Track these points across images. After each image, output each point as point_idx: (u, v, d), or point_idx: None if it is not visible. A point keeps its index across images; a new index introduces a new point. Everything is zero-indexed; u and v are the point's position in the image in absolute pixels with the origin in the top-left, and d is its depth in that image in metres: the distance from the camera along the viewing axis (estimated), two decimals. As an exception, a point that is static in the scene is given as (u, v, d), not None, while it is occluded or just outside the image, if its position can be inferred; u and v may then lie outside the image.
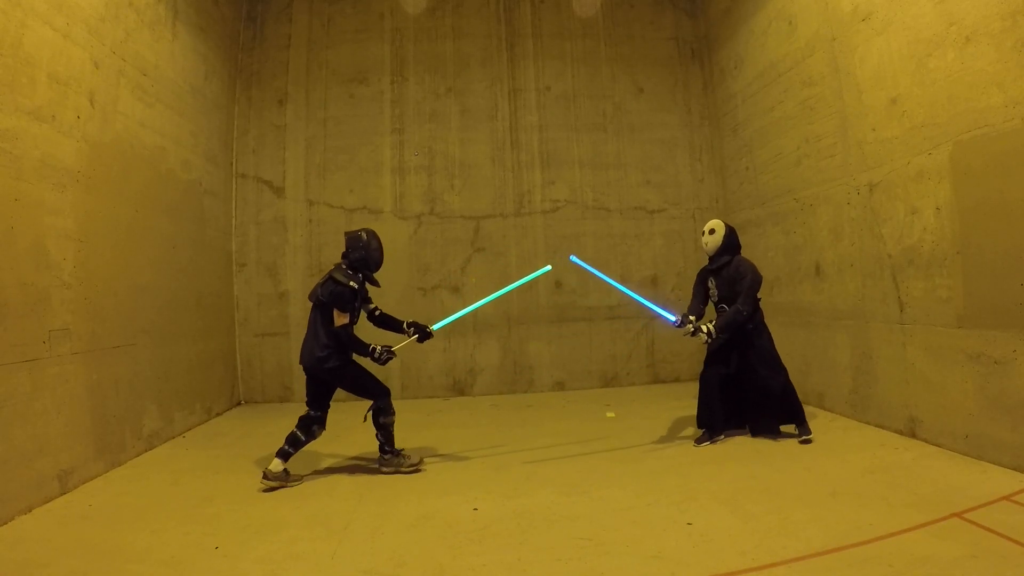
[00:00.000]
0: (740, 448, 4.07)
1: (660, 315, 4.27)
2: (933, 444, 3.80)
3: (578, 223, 6.76)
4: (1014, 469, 3.21)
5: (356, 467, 3.99)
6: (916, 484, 3.17)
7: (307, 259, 6.52)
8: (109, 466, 3.96)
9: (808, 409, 5.04)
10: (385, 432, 3.82)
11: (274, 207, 6.55)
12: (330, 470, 3.95)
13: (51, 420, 3.44)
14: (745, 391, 4.28)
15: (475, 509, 3.14)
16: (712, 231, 4.32)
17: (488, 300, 4.34)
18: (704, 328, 4.06)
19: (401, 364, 6.50)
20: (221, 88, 6.16)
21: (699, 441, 4.21)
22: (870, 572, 2.29)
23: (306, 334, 3.83)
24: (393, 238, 6.56)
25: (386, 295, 6.47)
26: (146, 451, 4.43)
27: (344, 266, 3.81)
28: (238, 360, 6.38)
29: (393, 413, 3.86)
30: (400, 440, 3.85)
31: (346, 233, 3.94)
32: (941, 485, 3.13)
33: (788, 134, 5.35)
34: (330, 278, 3.73)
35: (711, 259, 4.36)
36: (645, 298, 4.39)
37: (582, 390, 6.53)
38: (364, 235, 3.86)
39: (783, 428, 4.28)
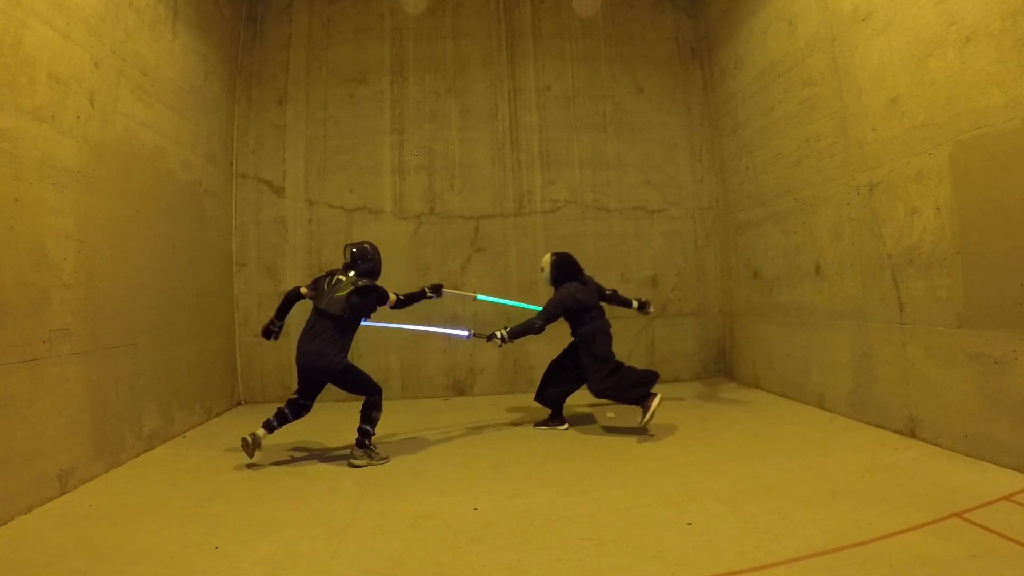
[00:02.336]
0: (740, 448, 4.07)
1: (452, 334, 5.57)
2: (933, 444, 3.80)
3: (578, 223, 6.76)
4: (1014, 469, 3.21)
5: (356, 467, 3.99)
6: (916, 484, 3.17)
7: (307, 259, 6.51)
8: (109, 466, 3.96)
9: (808, 409, 5.07)
10: (372, 425, 4.02)
11: (274, 207, 6.55)
12: (330, 470, 3.94)
13: (51, 420, 3.44)
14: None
15: (475, 509, 3.14)
16: (543, 269, 5.03)
17: (524, 306, 5.24)
18: (498, 333, 4.74)
19: (401, 364, 6.50)
20: (221, 88, 6.16)
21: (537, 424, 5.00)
22: (870, 572, 2.29)
23: (309, 340, 4.00)
24: (393, 238, 6.57)
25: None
26: (146, 451, 4.43)
27: (357, 276, 4.13)
28: (238, 360, 6.37)
29: (381, 410, 4.09)
30: (400, 440, 3.86)
31: (352, 246, 4.25)
32: (941, 485, 3.13)
33: (788, 134, 5.35)
34: (356, 290, 4.01)
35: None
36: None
37: (582, 390, 6.51)
38: (369, 247, 4.26)
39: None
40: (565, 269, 4.89)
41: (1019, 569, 2.24)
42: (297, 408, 4.11)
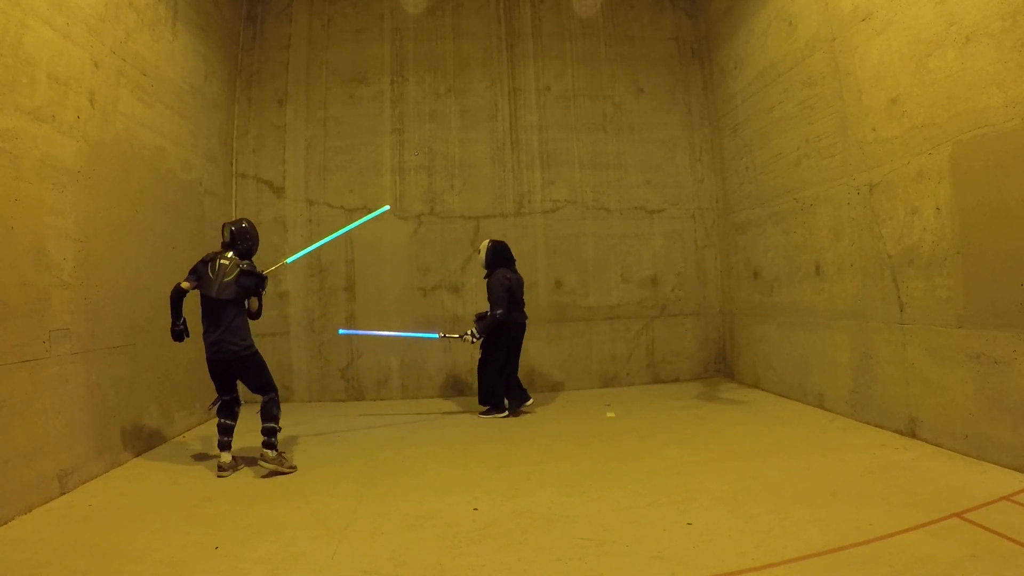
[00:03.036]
0: (740, 448, 4.07)
1: (423, 337, 5.85)
2: (933, 444, 3.80)
3: (578, 223, 6.77)
4: (1014, 469, 3.21)
5: (356, 467, 3.99)
6: (916, 484, 3.17)
7: (307, 259, 6.50)
8: (109, 466, 3.96)
9: (808, 409, 5.07)
10: (277, 422, 3.94)
11: (274, 207, 6.55)
12: (330, 470, 3.94)
13: (51, 420, 3.44)
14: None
15: (475, 509, 3.14)
16: (479, 251, 5.48)
17: (329, 239, 5.03)
18: (468, 332, 5.28)
19: (401, 364, 6.50)
20: (221, 88, 6.16)
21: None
22: (870, 572, 2.29)
23: (217, 330, 3.91)
24: (393, 238, 6.58)
25: (386, 295, 6.50)
26: (146, 451, 4.43)
27: (237, 256, 4.05)
28: (238, 360, 6.36)
29: (280, 409, 4.02)
30: (400, 440, 3.85)
31: (230, 224, 4.16)
32: (941, 485, 3.13)
33: (788, 134, 5.35)
34: (242, 272, 3.96)
35: (486, 272, 5.44)
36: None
37: (582, 390, 6.53)
38: (247, 226, 4.16)
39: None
40: (500, 254, 5.41)
41: (1019, 569, 2.24)
42: (229, 408, 4.01)
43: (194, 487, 3.65)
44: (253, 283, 4.02)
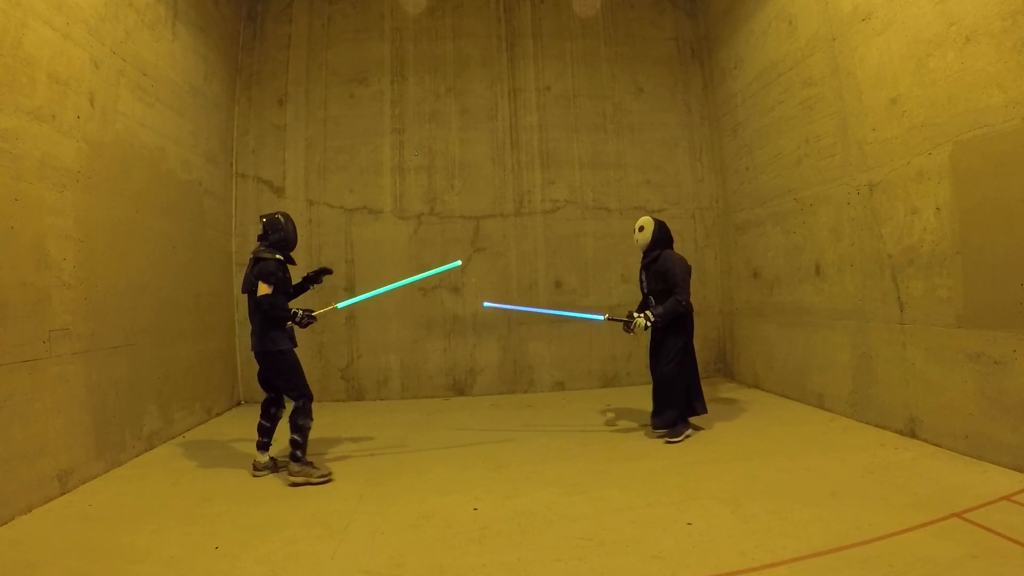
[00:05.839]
0: (740, 448, 4.07)
1: (585, 318, 4.78)
2: (933, 444, 3.80)
3: (578, 223, 6.77)
4: (1014, 469, 3.21)
5: (356, 467, 3.99)
6: (916, 484, 3.17)
7: (307, 259, 6.50)
8: (109, 466, 3.96)
9: (808, 409, 5.07)
10: (302, 435, 3.72)
11: (274, 207, 6.53)
12: (330, 470, 3.94)
13: (51, 420, 3.44)
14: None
15: (475, 509, 3.14)
16: (641, 228, 4.53)
17: (396, 286, 4.62)
18: (643, 314, 4.28)
19: (401, 364, 6.51)
20: (221, 88, 6.16)
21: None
22: (870, 572, 2.29)
23: (251, 326, 3.87)
24: (393, 238, 6.58)
25: (386, 295, 6.48)
26: (146, 451, 4.43)
27: (264, 247, 3.90)
28: (238, 360, 6.37)
29: (312, 419, 3.80)
30: (400, 440, 3.84)
31: (264, 216, 4.04)
32: (941, 485, 3.13)
33: (788, 134, 5.35)
34: (255, 259, 3.83)
35: (644, 254, 4.56)
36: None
37: (582, 390, 6.53)
38: (281, 218, 3.98)
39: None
40: (667, 233, 4.55)
41: (1019, 569, 2.24)
42: (266, 409, 3.93)
43: (194, 487, 3.65)
44: (259, 268, 3.77)
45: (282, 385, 3.87)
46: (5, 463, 3.06)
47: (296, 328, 3.89)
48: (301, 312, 3.81)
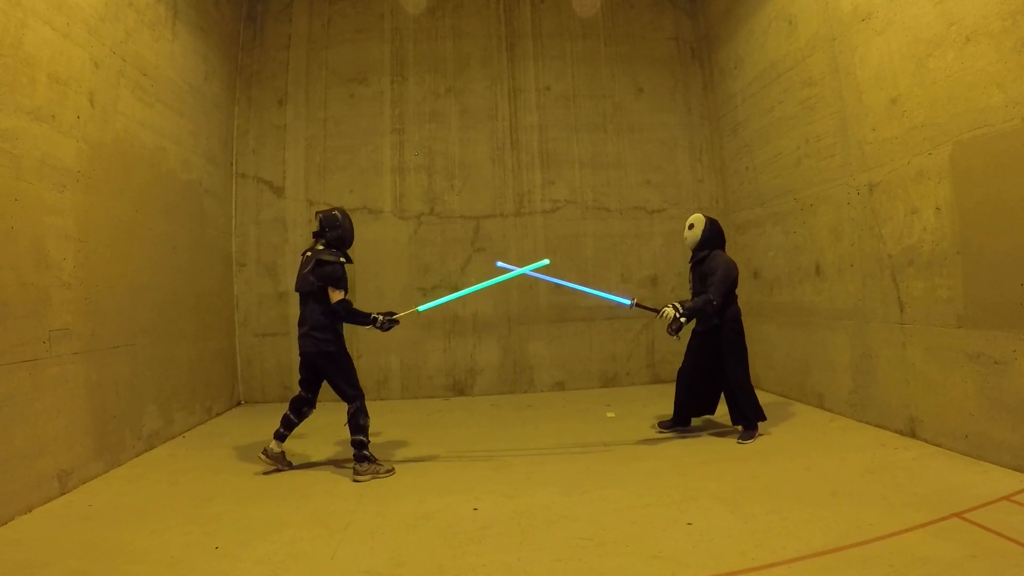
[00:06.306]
0: (740, 448, 4.07)
1: (614, 300, 4.40)
2: (933, 444, 3.80)
3: (578, 223, 6.76)
4: (1014, 469, 3.21)
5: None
6: (916, 484, 3.17)
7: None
8: (109, 466, 3.96)
9: (808, 409, 5.07)
10: (366, 434, 3.74)
11: (274, 207, 6.55)
12: (330, 470, 3.94)
13: (51, 420, 3.44)
14: (718, 384, 4.47)
15: (475, 509, 3.14)
16: (691, 226, 4.41)
17: (483, 286, 4.57)
18: (672, 305, 4.14)
19: (401, 364, 6.51)
20: (221, 88, 6.16)
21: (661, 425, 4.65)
22: (870, 572, 2.29)
23: (300, 324, 3.84)
24: (393, 238, 6.58)
25: (386, 295, 6.49)
26: (146, 451, 4.43)
27: (323, 246, 3.85)
28: (238, 360, 6.38)
29: (368, 416, 3.81)
30: (400, 440, 3.84)
31: (320, 213, 3.96)
32: (941, 485, 3.13)
33: (788, 134, 5.35)
34: (317, 261, 3.75)
35: (693, 253, 4.46)
36: (611, 292, 4.71)
37: (582, 390, 6.53)
38: (339, 214, 3.91)
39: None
40: (719, 234, 4.38)
41: (1019, 569, 2.24)
42: (298, 407, 3.88)
43: (194, 487, 3.64)
44: (321, 274, 3.71)
45: (340, 385, 3.80)
46: (5, 463, 3.06)
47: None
48: (382, 317, 3.78)
